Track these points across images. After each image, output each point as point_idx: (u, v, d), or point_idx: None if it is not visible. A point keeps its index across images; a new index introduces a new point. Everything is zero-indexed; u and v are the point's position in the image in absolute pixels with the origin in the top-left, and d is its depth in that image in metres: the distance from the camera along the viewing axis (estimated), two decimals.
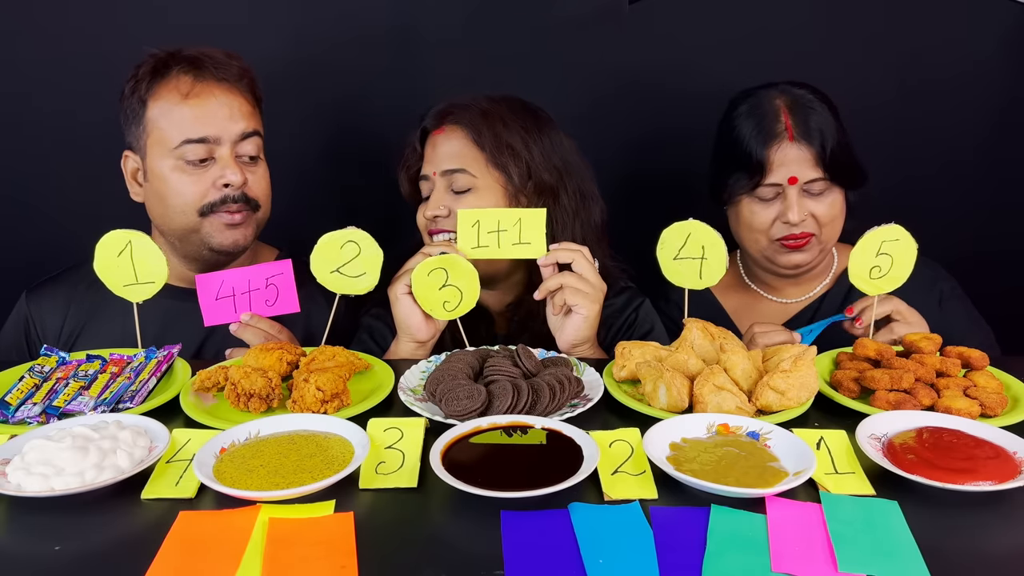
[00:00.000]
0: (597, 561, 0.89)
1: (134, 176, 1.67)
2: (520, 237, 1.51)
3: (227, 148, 1.60)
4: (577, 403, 1.27)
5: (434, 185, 1.67)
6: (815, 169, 1.65)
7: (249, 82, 1.66)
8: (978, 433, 1.13)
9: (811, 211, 1.67)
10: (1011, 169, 2.19)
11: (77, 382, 1.34)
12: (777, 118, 1.67)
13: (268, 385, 1.27)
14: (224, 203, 1.60)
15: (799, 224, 1.66)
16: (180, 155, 1.58)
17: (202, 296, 1.49)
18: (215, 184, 1.59)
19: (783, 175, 1.65)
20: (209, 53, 1.63)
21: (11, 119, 2.06)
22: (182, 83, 1.59)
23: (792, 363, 1.23)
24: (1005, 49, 2.11)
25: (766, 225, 1.70)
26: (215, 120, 1.58)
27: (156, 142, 1.60)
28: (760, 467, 1.06)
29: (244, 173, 1.61)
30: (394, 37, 2.09)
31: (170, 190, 1.60)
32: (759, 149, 1.66)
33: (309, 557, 0.91)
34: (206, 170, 1.59)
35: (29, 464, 1.05)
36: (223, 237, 1.63)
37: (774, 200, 1.69)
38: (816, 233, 1.69)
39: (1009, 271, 2.22)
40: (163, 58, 1.61)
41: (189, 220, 1.61)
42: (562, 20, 2.08)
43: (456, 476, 1.01)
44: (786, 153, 1.65)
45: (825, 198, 1.68)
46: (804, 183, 1.66)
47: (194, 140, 1.57)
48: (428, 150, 1.69)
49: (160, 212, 1.64)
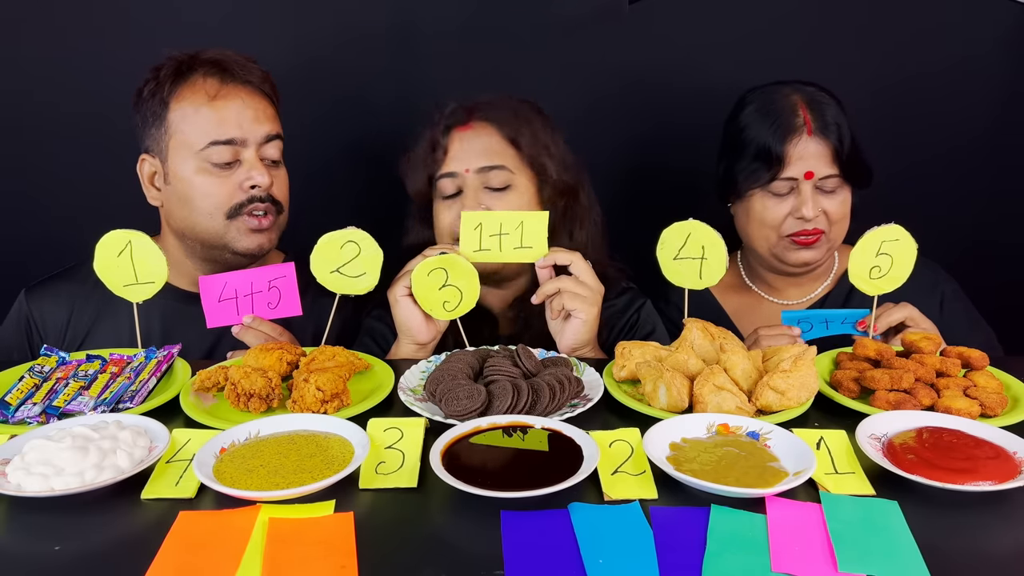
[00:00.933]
0: (597, 561, 0.89)
1: (151, 180, 1.66)
2: (522, 241, 1.51)
3: (252, 150, 1.60)
4: (577, 403, 1.27)
5: (465, 182, 1.63)
6: (831, 165, 1.65)
7: (271, 86, 1.66)
8: (978, 433, 1.13)
9: (823, 208, 1.67)
10: (1010, 157, 2.19)
11: (77, 382, 1.34)
12: (795, 112, 1.67)
13: (268, 385, 1.27)
14: (251, 203, 1.61)
15: (813, 220, 1.66)
16: (205, 157, 1.58)
17: (205, 298, 1.49)
18: (241, 186, 1.60)
19: (800, 169, 1.65)
20: (230, 55, 1.62)
21: (13, 115, 2.06)
22: (209, 85, 1.58)
23: (792, 363, 1.23)
24: (1003, 47, 2.11)
25: (778, 220, 1.70)
26: (241, 122, 1.59)
27: (180, 144, 1.59)
28: (760, 467, 1.06)
29: (270, 174, 1.62)
30: (393, 36, 2.09)
31: (196, 193, 1.60)
32: (777, 143, 1.65)
33: (309, 557, 0.91)
34: (232, 172, 1.60)
35: (29, 464, 1.05)
36: (248, 241, 1.63)
37: (788, 195, 1.69)
38: (826, 231, 1.69)
39: (1006, 265, 2.23)
40: (185, 60, 1.61)
41: (215, 223, 1.61)
42: (562, 19, 2.08)
43: (456, 476, 1.01)
44: (805, 147, 1.65)
45: (837, 195, 1.68)
46: (819, 179, 1.66)
47: (221, 142, 1.57)
48: (454, 147, 1.65)
49: (183, 215, 1.63)
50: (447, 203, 1.67)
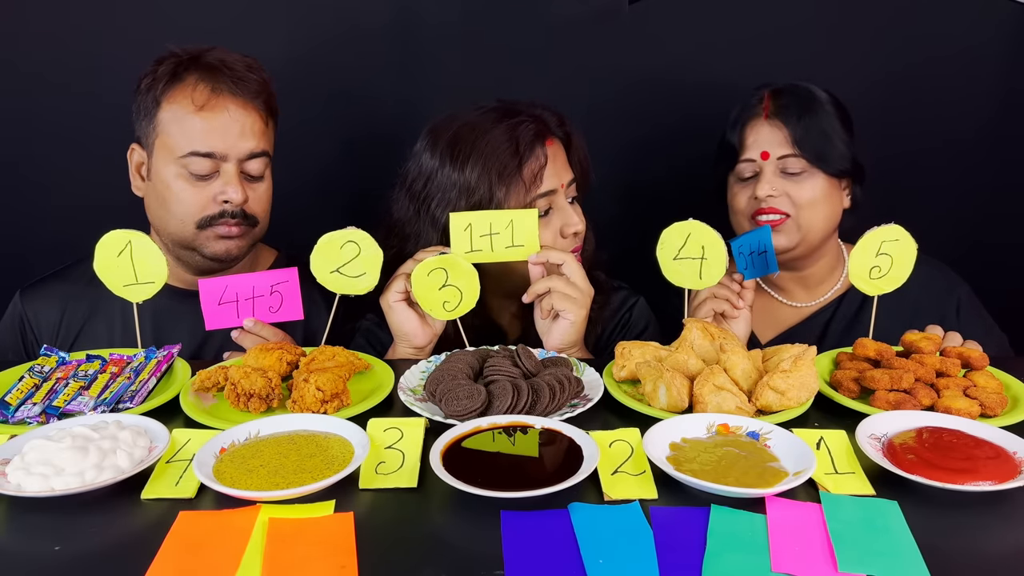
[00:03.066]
0: (597, 561, 0.89)
1: (138, 169, 1.67)
2: (513, 239, 1.51)
3: (232, 165, 1.59)
4: (577, 403, 1.27)
5: (558, 199, 1.60)
6: (789, 147, 1.67)
7: (267, 98, 1.63)
8: (978, 433, 1.13)
9: (787, 191, 1.68)
10: (1013, 151, 2.19)
11: (77, 382, 1.34)
12: (760, 101, 1.72)
13: (268, 385, 1.27)
14: (222, 217, 1.60)
15: (767, 200, 1.67)
16: (185, 165, 1.57)
17: (204, 300, 1.48)
18: (215, 199, 1.59)
19: (756, 151, 1.70)
20: (230, 62, 1.60)
21: (10, 115, 2.06)
22: (198, 93, 1.57)
23: (792, 363, 1.23)
24: (1007, 44, 2.11)
25: (743, 204, 1.73)
26: (225, 136, 1.57)
27: (163, 145, 1.59)
28: (760, 467, 1.06)
29: (246, 191, 1.60)
30: (392, 36, 2.08)
31: (172, 197, 1.60)
32: (735, 127, 1.74)
33: (309, 557, 0.91)
34: (208, 184, 1.59)
35: (29, 464, 1.05)
36: (216, 247, 1.62)
37: (751, 179, 1.72)
38: (791, 214, 1.68)
39: (1007, 265, 2.22)
40: (184, 60, 1.60)
41: (186, 229, 1.61)
42: (562, 19, 2.08)
43: (456, 476, 1.01)
44: (760, 130, 1.70)
45: (803, 179, 1.68)
46: (778, 158, 1.68)
47: (200, 154, 1.56)
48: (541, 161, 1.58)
49: (159, 215, 1.64)
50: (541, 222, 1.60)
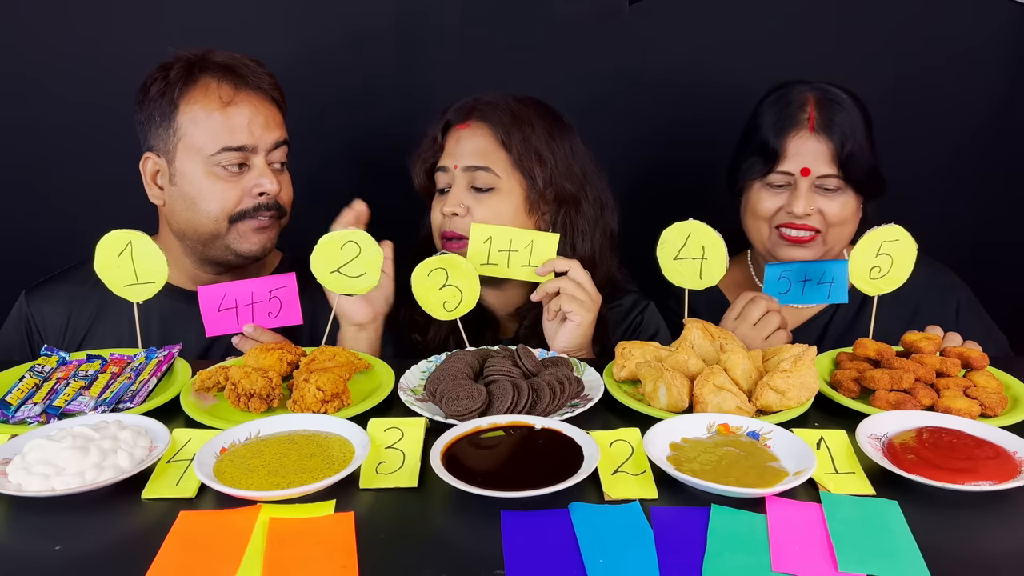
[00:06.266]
0: (597, 561, 0.89)
1: (154, 178, 1.66)
2: (530, 259, 1.53)
3: (261, 156, 1.61)
4: (577, 403, 1.27)
5: (453, 179, 1.65)
6: (830, 165, 1.64)
7: (279, 92, 1.68)
8: (978, 433, 1.13)
9: (820, 208, 1.65)
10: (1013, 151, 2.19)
11: (77, 382, 1.34)
12: (803, 108, 1.66)
13: (268, 385, 1.27)
14: (257, 210, 1.62)
15: (803, 217, 1.65)
16: (216, 162, 1.58)
17: (204, 307, 1.49)
18: (250, 192, 1.61)
19: (796, 164, 1.64)
20: (239, 59, 1.63)
21: (14, 115, 2.06)
22: (223, 91, 1.59)
23: (792, 363, 1.23)
24: (1006, 45, 2.11)
25: (770, 212, 1.69)
26: (253, 129, 1.60)
27: (188, 147, 1.59)
28: (760, 467, 1.06)
29: (279, 180, 1.63)
30: (396, 37, 2.09)
31: (203, 195, 1.60)
32: (777, 135, 1.66)
33: (309, 557, 0.91)
34: (241, 177, 1.61)
35: (29, 464, 1.05)
36: (250, 243, 1.64)
37: (783, 189, 1.68)
38: (822, 231, 1.67)
39: (1007, 265, 2.22)
40: (195, 61, 1.61)
41: (219, 226, 1.62)
42: (564, 19, 2.08)
43: (456, 476, 1.01)
44: (803, 143, 1.64)
45: (837, 197, 1.66)
46: (817, 177, 1.64)
47: (233, 148, 1.58)
48: (450, 143, 1.67)
49: (187, 217, 1.63)
50: (438, 199, 1.70)
